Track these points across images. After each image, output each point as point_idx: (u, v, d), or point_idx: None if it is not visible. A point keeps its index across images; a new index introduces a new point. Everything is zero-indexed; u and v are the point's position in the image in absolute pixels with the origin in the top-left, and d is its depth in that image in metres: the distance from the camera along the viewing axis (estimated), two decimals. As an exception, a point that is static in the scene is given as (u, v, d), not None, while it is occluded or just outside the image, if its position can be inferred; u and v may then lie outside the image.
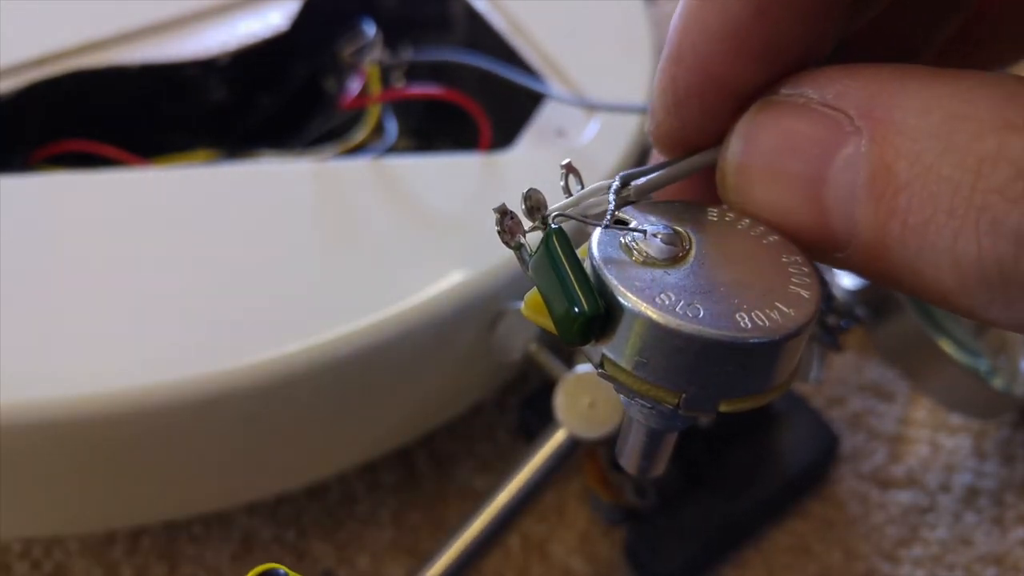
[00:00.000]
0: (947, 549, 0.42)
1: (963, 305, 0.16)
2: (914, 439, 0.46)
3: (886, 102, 0.16)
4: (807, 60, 0.19)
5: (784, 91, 0.18)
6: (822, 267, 0.20)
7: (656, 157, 0.22)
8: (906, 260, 0.16)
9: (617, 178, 0.20)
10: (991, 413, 0.43)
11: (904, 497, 0.44)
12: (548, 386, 0.36)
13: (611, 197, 0.19)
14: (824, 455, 0.43)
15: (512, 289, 0.36)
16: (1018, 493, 0.43)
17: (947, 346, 0.41)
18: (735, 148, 0.19)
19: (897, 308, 0.41)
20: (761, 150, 0.18)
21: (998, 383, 0.41)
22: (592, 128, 0.42)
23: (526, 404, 0.44)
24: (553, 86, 0.44)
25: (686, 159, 0.20)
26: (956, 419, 0.46)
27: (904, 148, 0.16)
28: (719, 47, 0.18)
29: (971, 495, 0.44)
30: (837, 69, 0.18)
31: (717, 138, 0.20)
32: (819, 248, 0.18)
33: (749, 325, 0.17)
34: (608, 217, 0.19)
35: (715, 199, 0.22)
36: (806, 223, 0.18)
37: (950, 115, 0.15)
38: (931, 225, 0.15)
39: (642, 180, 0.20)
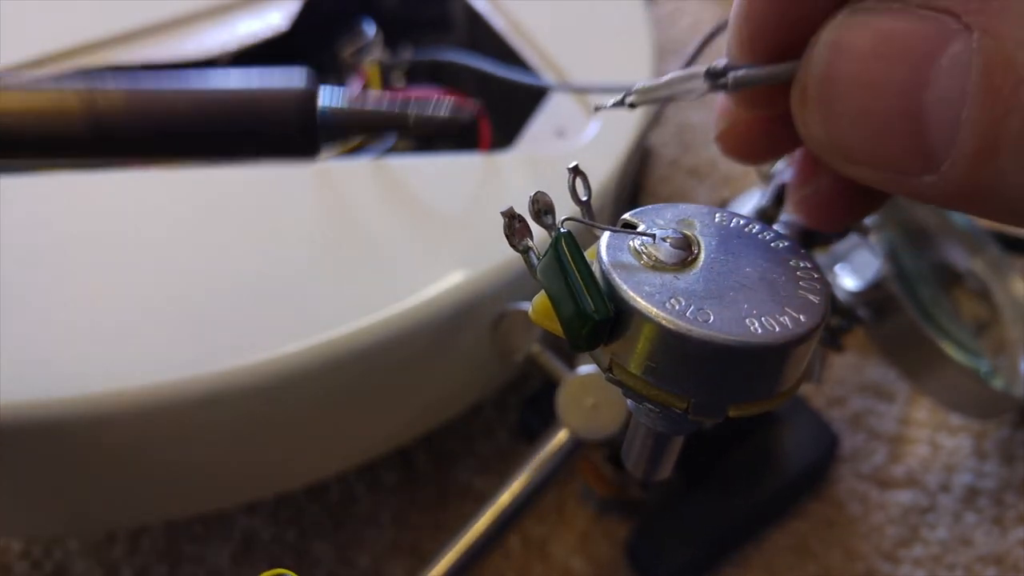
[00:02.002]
0: (947, 549, 0.42)
1: None
2: (914, 439, 0.46)
3: None
4: None
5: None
6: (823, 268, 0.20)
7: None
8: (1018, 167, 0.15)
9: (719, 61, 0.19)
10: (991, 413, 0.43)
11: (904, 497, 0.44)
12: (549, 386, 0.36)
13: (706, 78, 0.19)
14: (824, 455, 0.44)
15: (513, 289, 0.36)
16: (1018, 493, 0.44)
17: (947, 346, 0.41)
18: (820, 55, 0.17)
19: (897, 308, 0.41)
20: (853, 57, 0.17)
21: (998, 383, 0.41)
22: (592, 128, 0.42)
23: (527, 404, 0.44)
24: (554, 83, 0.44)
25: (790, 62, 0.19)
26: (956, 419, 0.46)
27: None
28: None
29: (971, 495, 0.44)
30: None
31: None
32: (907, 171, 0.17)
33: (759, 330, 0.17)
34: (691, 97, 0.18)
35: (821, 174, 0.21)
36: (899, 140, 0.16)
37: None
38: None
39: (741, 72, 0.19)
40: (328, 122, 0.19)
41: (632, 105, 0.19)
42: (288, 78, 0.20)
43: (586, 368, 0.35)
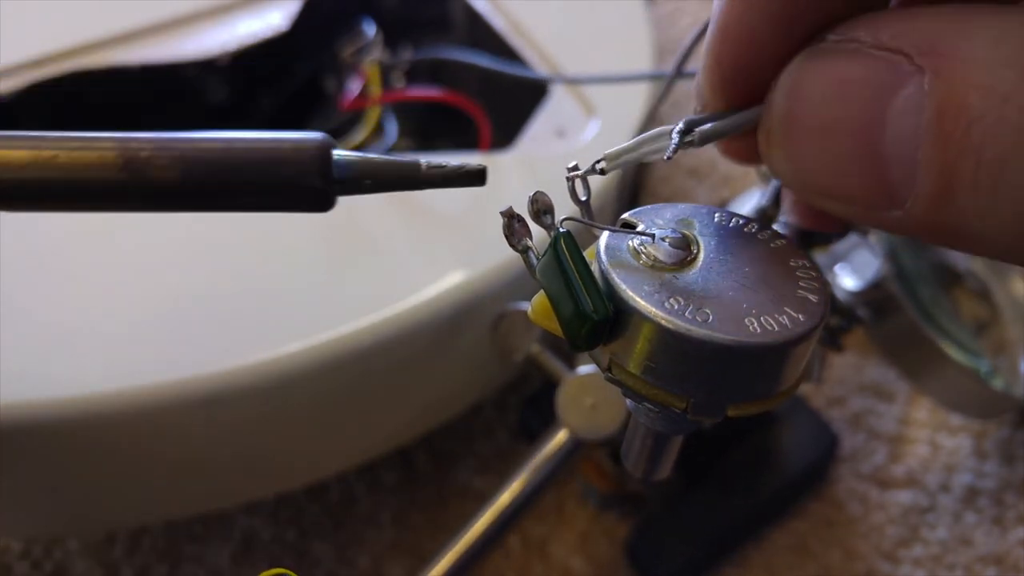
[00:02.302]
0: (947, 549, 0.42)
1: None
2: (914, 439, 0.46)
3: (951, 37, 0.15)
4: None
5: (832, 37, 0.17)
6: (823, 268, 0.20)
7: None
8: (977, 205, 0.15)
9: (682, 122, 0.19)
10: (991, 413, 0.43)
11: (904, 497, 0.44)
12: (548, 386, 0.36)
13: (674, 137, 0.19)
14: (824, 455, 0.43)
15: (513, 289, 0.36)
16: (1018, 493, 0.44)
17: (947, 346, 0.41)
18: (779, 99, 0.18)
19: (897, 308, 0.41)
20: (809, 99, 0.17)
21: (998, 383, 0.41)
22: (592, 128, 0.42)
23: (527, 404, 0.44)
24: (554, 84, 0.44)
25: (752, 109, 0.19)
26: (956, 419, 0.46)
27: (975, 79, 0.14)
28: (765, 18, 0.17)
29: (971, 495, 0.44)
30: (888, 13, 0.17)
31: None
32: (873, 207, 0.17)
33: (758, 330, 0.17)
34: (668, 154, 0.19)
35: (750, 150, 0.21)
36: (861, 178, 0.17)
37: None
38: (1010, 156, 0.14)
39: (708, 126, 0.19)
40: (343, 171, 0.20)
41: (602, 171, 0.19)
42: (301, 136, 0.20)
43: (586, 368, 0.35)
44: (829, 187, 0.17)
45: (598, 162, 0.19)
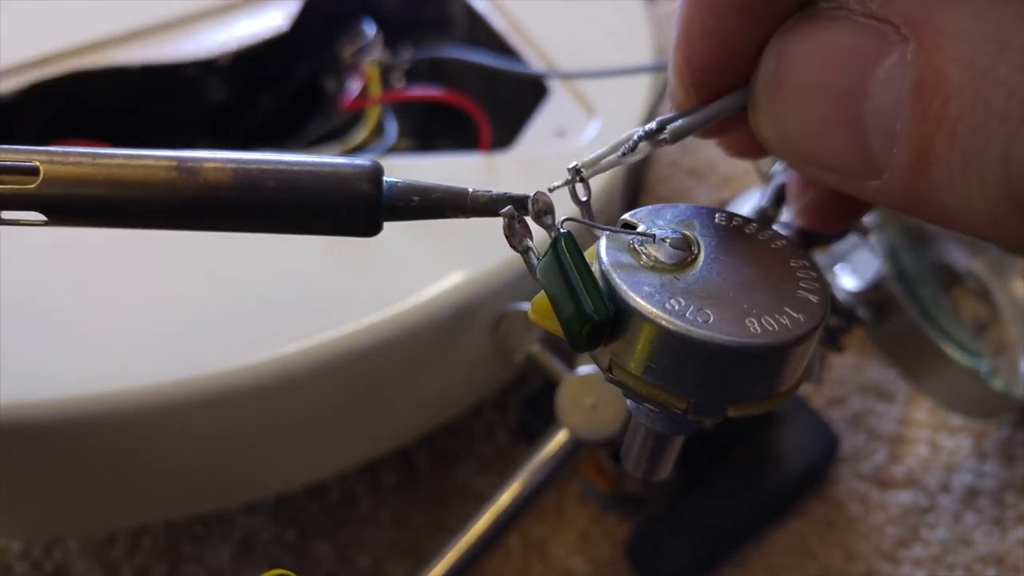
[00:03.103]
0: (947, 549, 0.42)
1: (1007, 228, 0.15)
2: (914, 439, 0.46)
3: (936, 8, 0.15)
4: None
5: (823, 3, 0.17)
6: (823, 268, 0.20)
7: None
8: (950, 179, 0.15)
9: (654, 122, 0.19)
10: (991, 413, 0.43)
11: (904, 497, 0.44)
12: (548, 386, 0.36)
13: (636, 134, 0.19)
14: (824, 455, 0.43)
15: (513, 290, 0.36)
16: (1018, 493, 0.44)
17: (947, 346, 0.41)
18: (768, 65, 0.18)
19: (897, 308, 0.41)
20: (796, 65, 0.17)
21: (998, 383, 0.41)
22: (592, 128, 0.42)
23: (527, 404, 0.44)
24: (554, 84, 0.44)
25: (719, 101, 0.19)
26: (956, 419, 0.46)
27: (955, 52, 0.15)
28: (729, 13, 0.17)
29: (971, 495, 0.44)
30: None
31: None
32: (853, 175, 0.17)
33: (759, 330, 0.17)
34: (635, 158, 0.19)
35: (746, 143, 0.21)
36: (842, 145, 0.17)
37: (1010, 15, 0.14)
38: (983, 132, 0.14)
39: (678, 123, 0.19)
40: (394, 195, 0.20)
41: (583, 179, 0.19)
42: (354, 161, 0.20)
43: (586, 368, 0.35)
44: (812, 153, 0.18)
45: (578, 170, 0.19)
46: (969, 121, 0.14)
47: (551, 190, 0.20)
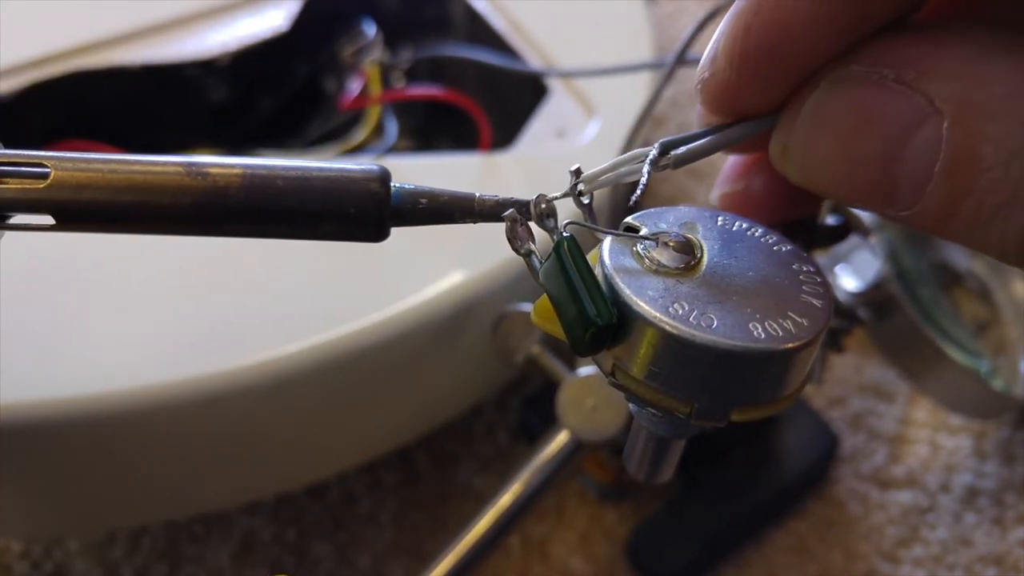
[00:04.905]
0: (947, 549, 0.42)
1: (1018, 264, 0.16)
2: (914, 439, 0.46)
3: (969, 85, 0.16)
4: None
5: (857, 67, 0.17)
6: (823, 268, 0.20)
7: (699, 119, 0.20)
8: (974, 227, 0.16)
9: (656, 145, 0.19)
10: (991, 413, 0.43)
11: (904, 497, 0.44)
12: (548, 387, 0.36)
13: (646, 168, 0.19)
14: (824, 455, 0.43)
15: (513, 290, 0.36)
16: (1018, 493, 0.44)
17: (947, 347, 0.41)
18: (806, 126, 0.18)
19: (897, 309, 0.41)
20: (835, 129, 0.18)
21: (998, 384, 0.41)
22: (592, 128, 0.42)
23: (527, 405, 0.44)
24: (554, 83, 0.43)
25: (731, 127, 0.19)
26: (956, 419, 0.46)
27: (989, 132, 0.16)
28: (806, 7, 0.17)
29: (971, 495, 0.44)
30: (909, 40, 0.17)
31: (768, 106, 0.19)
32: (875, 208, 0.18)
33: (763, 335, 0.17)
34: (636, 192, 0.18)
35: (754, 172, 0.21)
36: (872, 194, 0.18)
37: None
38: (1005, 207, 0.16)
39: (682, 149, 0.19)
40: (402, 199, 0.20)
41: (581, 193, 0.19)
42: (362, 166, 0.20)
43: (586, 369, 0.35)
44: (835, 187, 0.18)
45: (578, 183, 0.19)
46: (997, 196, 0.16)
47: (552, 200, 0.20)
